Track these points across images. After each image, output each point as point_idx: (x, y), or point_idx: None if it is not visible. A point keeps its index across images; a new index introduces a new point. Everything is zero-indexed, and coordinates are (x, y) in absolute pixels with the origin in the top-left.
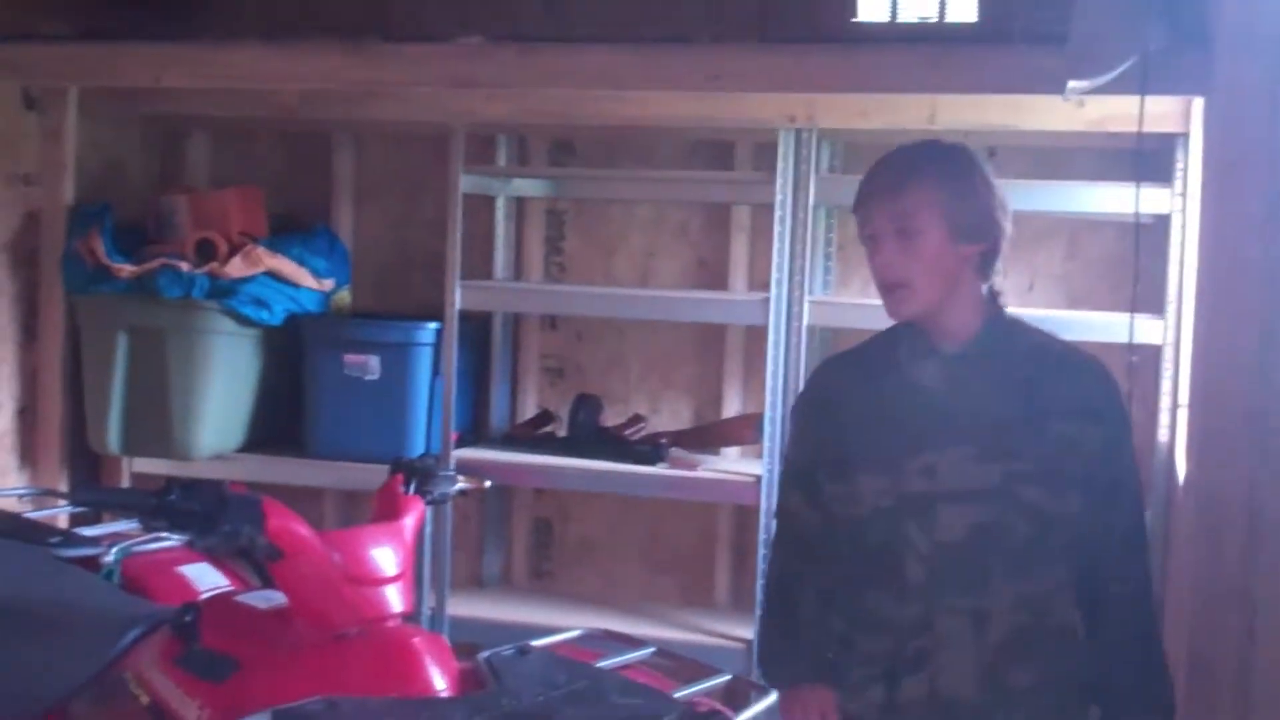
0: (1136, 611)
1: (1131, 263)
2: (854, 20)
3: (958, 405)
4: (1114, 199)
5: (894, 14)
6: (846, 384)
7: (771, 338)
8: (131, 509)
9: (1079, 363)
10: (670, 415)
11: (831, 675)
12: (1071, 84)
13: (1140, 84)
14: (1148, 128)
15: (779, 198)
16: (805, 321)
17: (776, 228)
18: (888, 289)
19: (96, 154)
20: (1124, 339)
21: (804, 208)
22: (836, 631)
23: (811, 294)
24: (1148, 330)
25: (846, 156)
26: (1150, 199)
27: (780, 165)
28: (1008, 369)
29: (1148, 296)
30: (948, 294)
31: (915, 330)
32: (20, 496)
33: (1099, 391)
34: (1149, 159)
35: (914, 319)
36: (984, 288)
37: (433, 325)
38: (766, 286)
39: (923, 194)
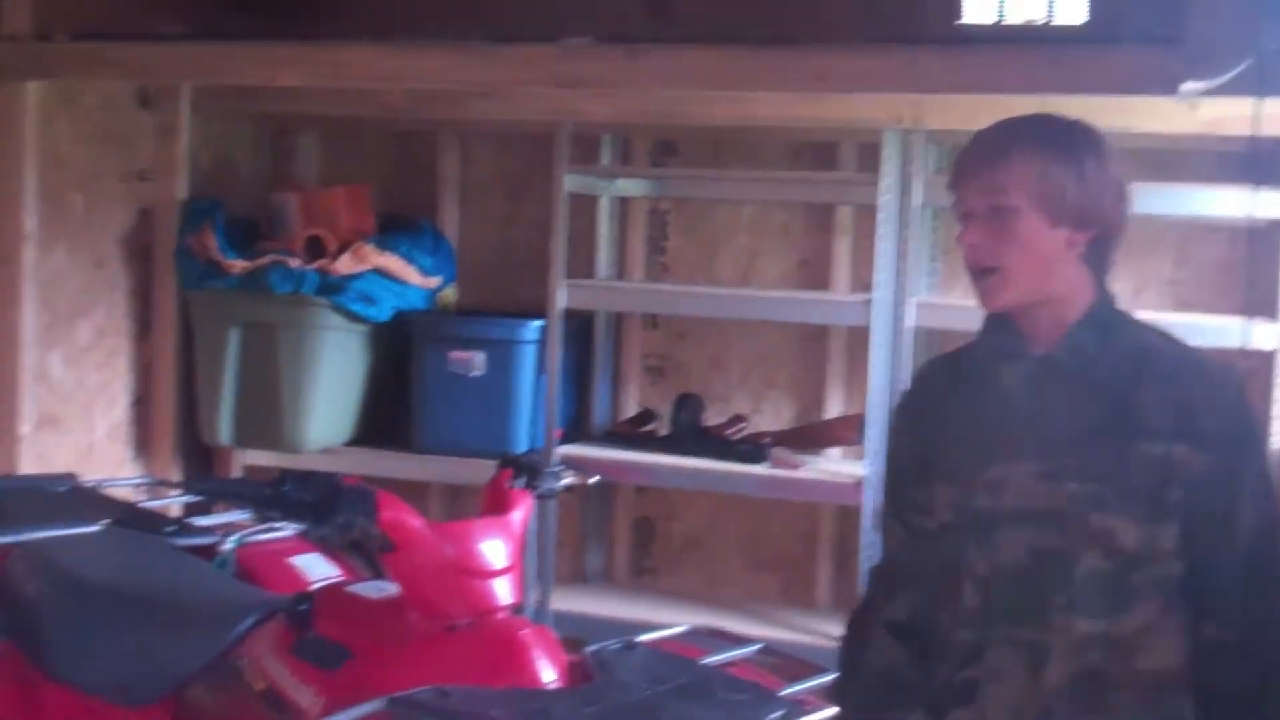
0: (1251, 665)
1: (1243, 268)
2: (959, 22)
3: (1036, 414)
4: (1226, 203)
5: (1000, 16)
6: (940, 386)
7: (874, 339)
8: (248, 499)
9: (1190, 372)
10: (772, 415)
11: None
12: (1186, 85)
13: (1256, 85)
14: (1263, 130)
15: (884, 198)
16: (909, 323)
17: (880, 229)
18: (977, 274)
19: (209, 151)
20: (1236, 344)
21: (909, 209)
22: (903, 661)
23: (916, 295)
24: (1261, 336)
25: (953, 157)
26: (1265, 202)
27: (885, 166)
28: (1099, 375)
29: (1260, 301)
30: (1046, 284)
31: (1009, 326)
32: (135, 486)
33: (1206, 407)
34: (1263, 162)
35: (1007, 310)
36: (1094, 283)
37: (536, 323)
38: (869, 288)
39: (1020, 168)
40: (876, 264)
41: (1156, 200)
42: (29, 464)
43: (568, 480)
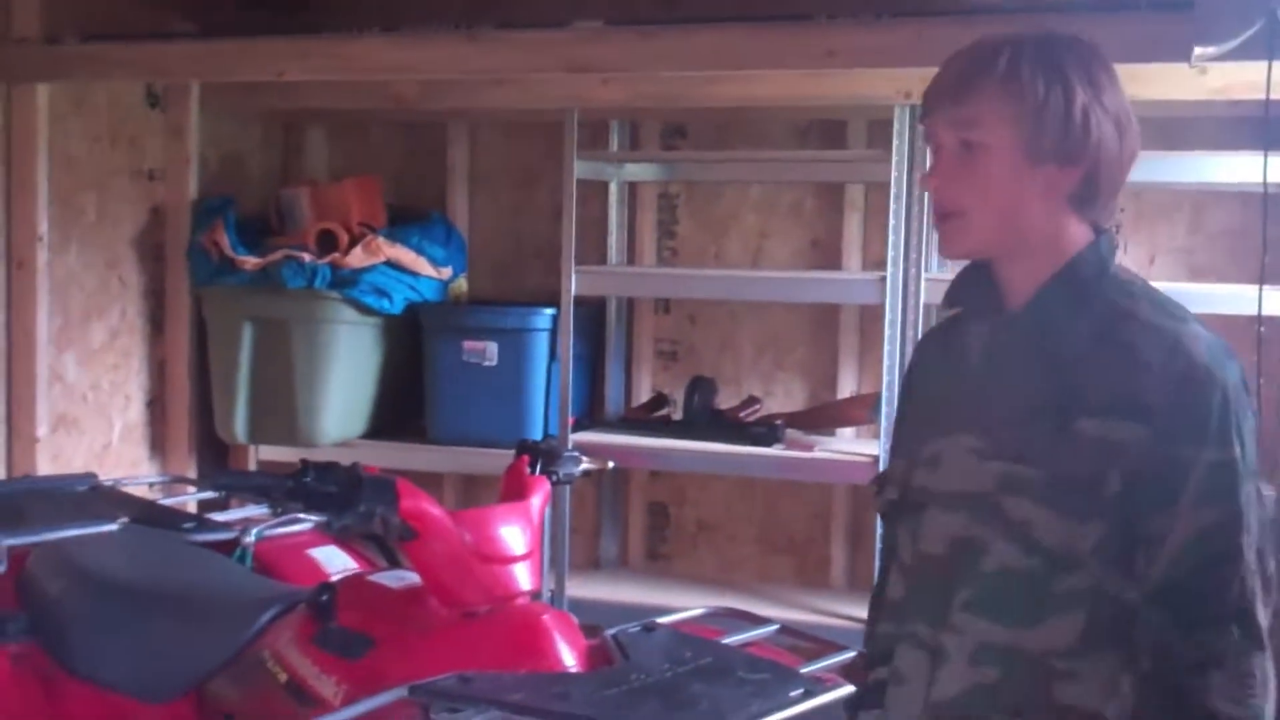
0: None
1: (1257, 234)
2: None
3: (986, 382)
4: (1239, 169)
5: None
6: (928, 350)
7: (888, 316)
8: (269, 491)
9: (1153, 339)
10: (785, 397)
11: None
12: (1198, 51)
13: (1268, 49)
14: (1274, 94)
15: (894, 175)
16: (922, 299)
17: (892, 205)
18: (939, 218)
19: (218, 149)
20: (1251, 311)
21: (920, 183)
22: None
23: (928, 272)
24: (1276, 302)
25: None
26: (1277, 168)
27: (895, 142)
28: (1057, 340)
29: (1275, 268)
30: (1019, 232)
31: (984, 279)
32: (151, 485)
33: (1160, 380)
34: (1275, 126)
35: (972, 258)
36: (1085, 230)
37: (549, 311)
38: (881, 266)
39: (992, 97)
40: (889, 241)
41: (1168, 168)
42: (46, 465)
43: (585, 465)
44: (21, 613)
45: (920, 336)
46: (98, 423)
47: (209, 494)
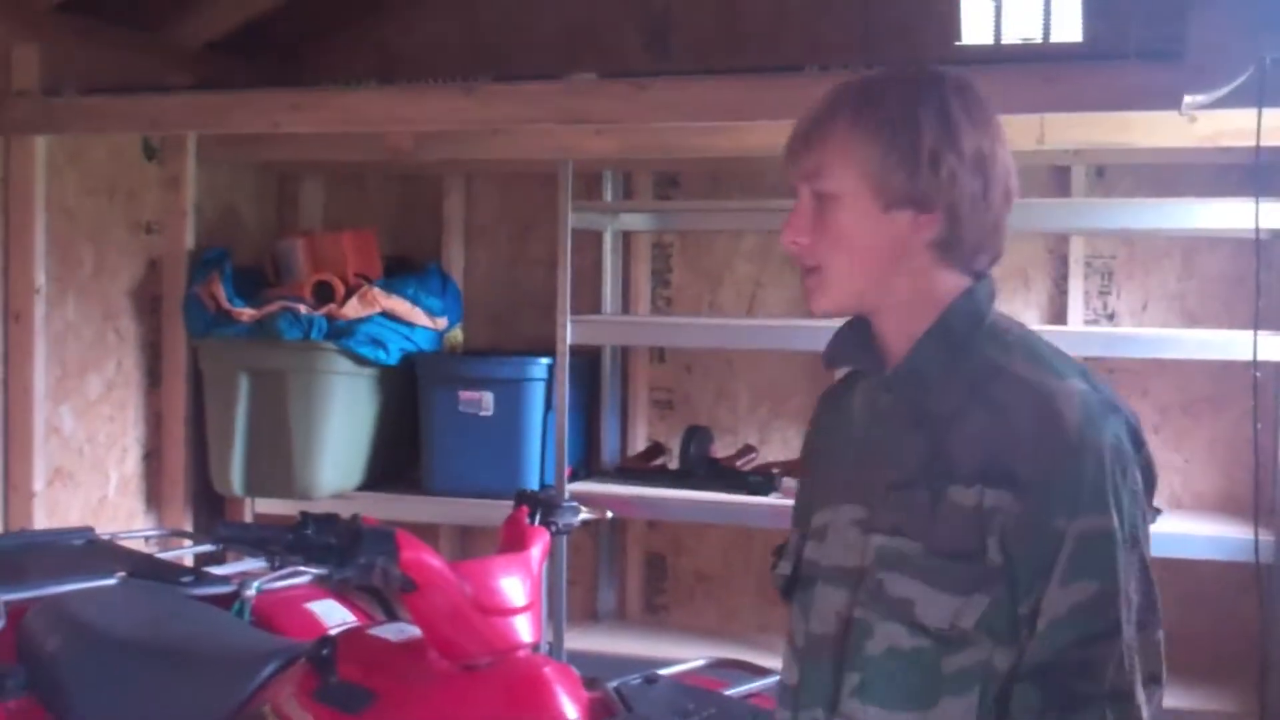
0: None
1: (1250, 279)
2: (958, 44)
3: (869, 447)
4: (1230, 215)
5: (998, 36)
6: (822, 413)
7: None
8: (269, 543)
9: (1023, 397)
10: (781, 445)
11: None
12: (1188, 99)
13: (1258, 96)
14: (1264, 141)
15: None
16: None
17: None
18: (803, 273)
19: (214, 201)
20: (1245, 357)
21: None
22: None
23: None
24: (1270, 347)
25: None
26: (1269, 214)
27: None
28: (934, 398)
29: (1267, 313)
30: (883, 285)
31: (862, 335)
32: (148, 538)
33: (1031, 443)
34: (1265, 173)
35: (840, 315)
36: (958, 279)
37: (544, 360)
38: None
39: (838, 143)
40: None
41: (1159, 215)
42: (43, 519)
43: (584, 516)
44: (20, 667)
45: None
46: (94, 476)
47: (206, 547)
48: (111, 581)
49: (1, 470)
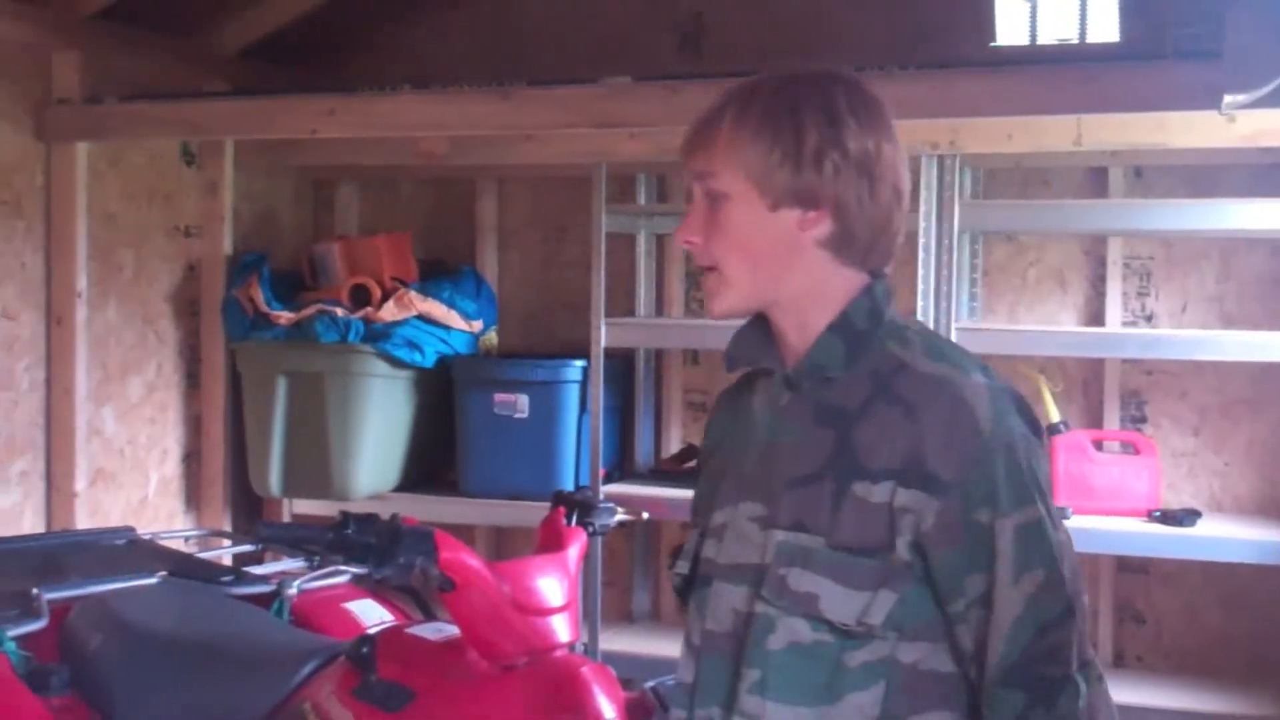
0: None
1: None
2: (993, 45)
3: (769, 444)
4: (1270, 215)
5: (1033, 37)
6: (719, 414)
7: None
8: (310, 543)
9: (932, 393)
10: None
11: None
12: (1228, 98)
13: None
14: None
15: (922, 224)
16: None
17: (920, 254)
18: (701, 273)
19: (251, 206)
20: None
21: (948, 234)
22: None
23: (957, 321)
24: None
25: (988, 181)
26: None
27: (924, 193)
28: (836, 395)
29: None
30: (778, 283)
31: (761, 333)
32: (188, 538)
33: (942, 441)
34: None
35: (738, 315)
36: (854, 277)
37: (579, 363)
38: (909, 314)
39: (725, 143)
40: (918, 290)
41: (1197, 216)
42: (84, 519)
43: (620, 517)
44: (64, 665)
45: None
46: (135, 477)
47: (244, 547)
48: (153, 580)
49: (44, 471)
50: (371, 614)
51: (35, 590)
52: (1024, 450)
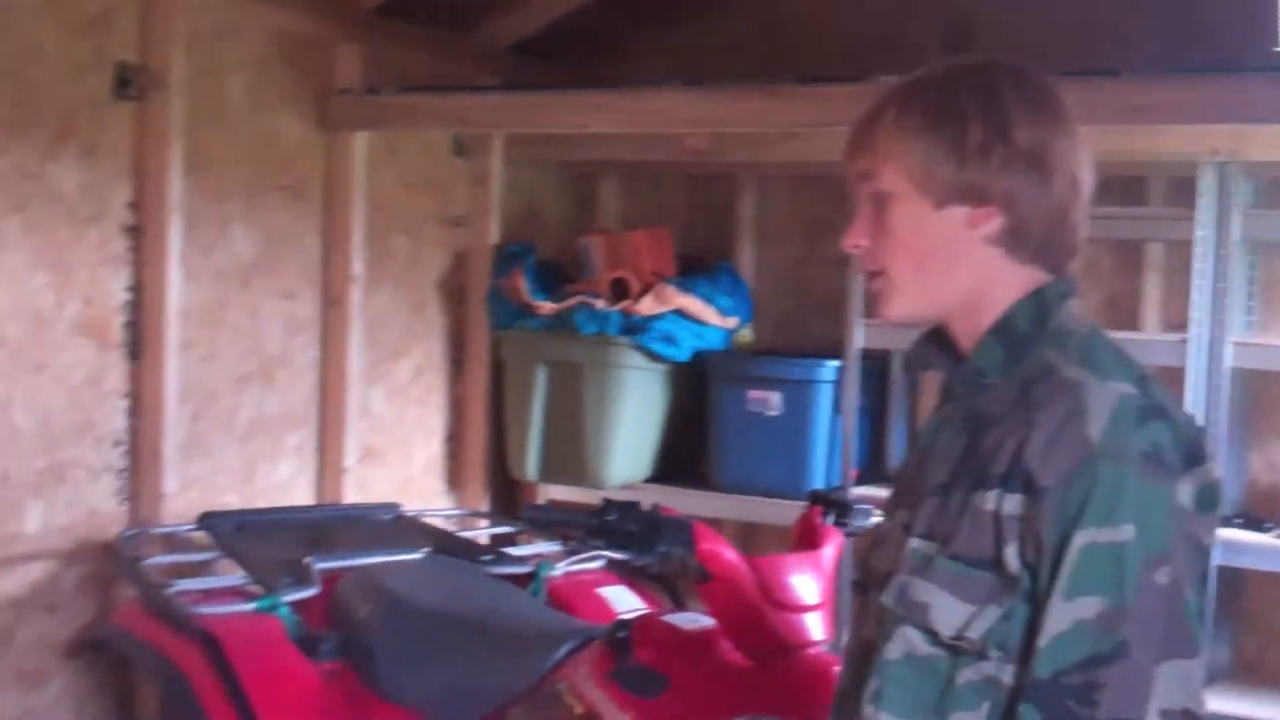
0: None
1: None
2: (1276, 49)
3: (928, 451)
4: None
5: None
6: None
7: (1190, 380)
8: (574, 527)
9: (1056, 393)
10: None
11: None
12: None
13: None
14: None
15: (1199, 234)
16: (1226, 364)
17: (1196, 265)
18: (866, 279)
19: (518, 197)
20: None
21: (1226, 244)
22: None
23: (1233, 334)
24: None
25: (1270, 191)
26: None
27: (1203, 200)
28: (987, 402)
29: None
30: (948, 285)
31: (938, 336)
32: (448, 517)
33: (1047, 444)
34: None
35: (911, 321)
36: (1026, 275)
37: (833, 363)
38: (1181, 327)
39: (886, 141)
40: (1192, 302)
41: None
42: (352, 495)
43: (876, 518)
44: (333, 633)
45: None
46: (400, 456)
47: (503, 528)
48: (418, 555)
49: (317, 445)
50: (624, 600)
51: (308, 559)
52: (1137, 470)
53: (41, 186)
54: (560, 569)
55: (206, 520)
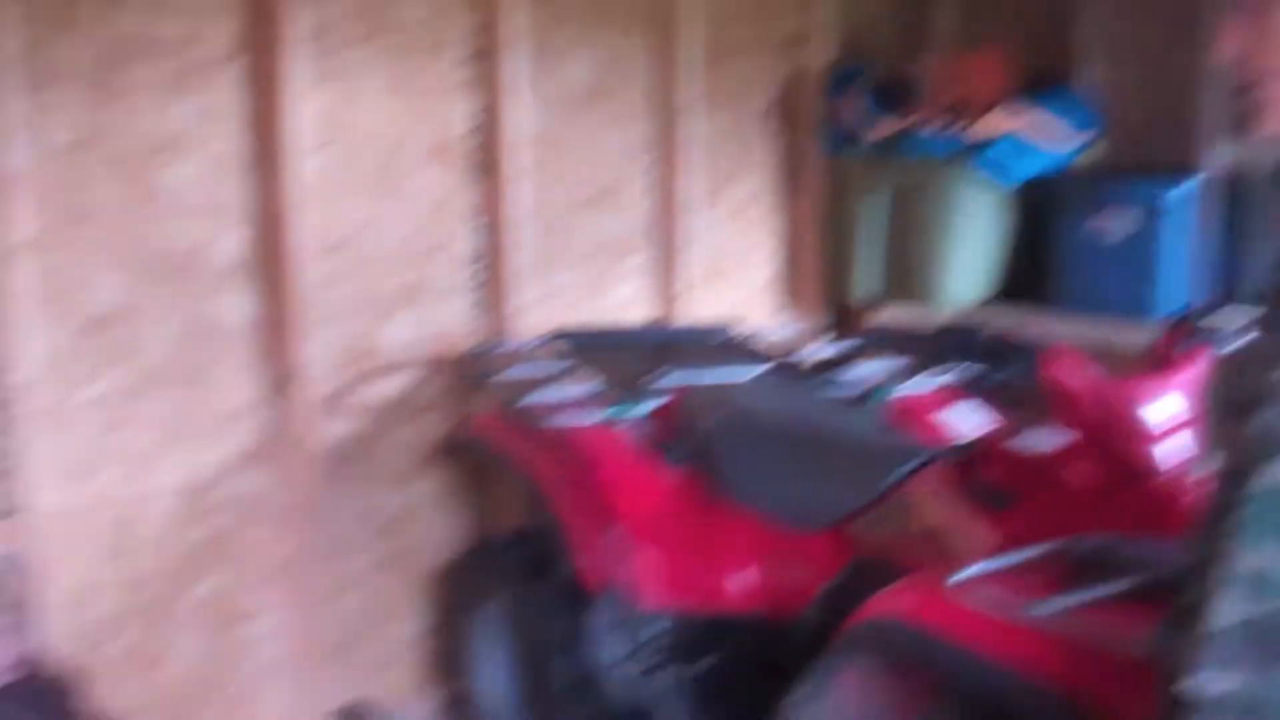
0: None
1: None
2: None
3: None
4: None
5: None
6: None
7: None
8: (919, 346)
9: None
10: None
11: None
12: None
13: None
14: None
15: None
16: None
17: None
18: (1243, 89)
19: (849, 18)
20: None
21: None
22: None
23: None
24: None
25: None
26: None
27: None
28: None
29: None
30: None
31: None
32: (784, 337)
33: None
34: None
35: None
36: None
37: (1187, 183)
38: None
39: None
40: None
41: None
42: (690, 315)
43: (1238, 343)
44: (682, 441)
45: None
46: (736, 278)
47: (838, 348)
48: (760, 371)
49: (655, 269)
50: (969, 420)
51: (654, 373)
52: None
53: (391, 16)
54: (894, 388)
55: (557, 336)
